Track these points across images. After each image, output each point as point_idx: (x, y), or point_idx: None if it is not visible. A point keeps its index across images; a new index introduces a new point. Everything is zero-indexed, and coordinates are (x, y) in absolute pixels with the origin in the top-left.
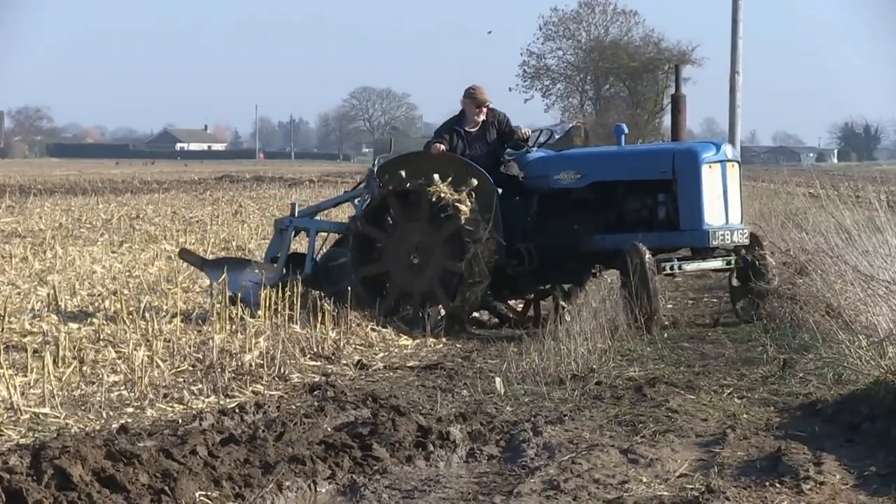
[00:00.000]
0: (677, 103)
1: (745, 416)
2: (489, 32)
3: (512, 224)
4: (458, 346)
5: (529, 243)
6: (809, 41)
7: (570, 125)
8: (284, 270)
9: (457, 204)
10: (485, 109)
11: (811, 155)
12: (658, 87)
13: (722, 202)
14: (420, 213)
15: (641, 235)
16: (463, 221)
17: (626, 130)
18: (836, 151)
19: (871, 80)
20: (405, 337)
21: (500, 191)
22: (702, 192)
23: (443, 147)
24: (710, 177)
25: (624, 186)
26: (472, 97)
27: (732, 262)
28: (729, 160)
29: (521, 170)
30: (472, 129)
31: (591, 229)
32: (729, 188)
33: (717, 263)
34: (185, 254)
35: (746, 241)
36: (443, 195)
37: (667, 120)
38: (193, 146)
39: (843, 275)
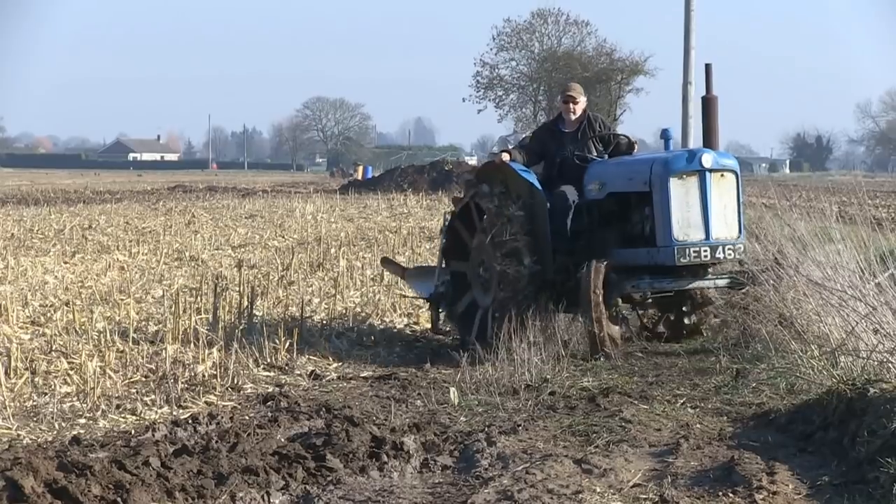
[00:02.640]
0: (708, 105)
1: (698, 425)
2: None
3: (577, 236)
4: (411, 356)
5: (579, 257)
6: (763, 52)
7: (523, 135)
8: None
9: (488, 225)
10: (573, 106)
11: (764, 165)
12: (611, 98)
13: (699, 216)
14: (484, 228)
15: (636, 252)
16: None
17: (673, 136)
18: (788, 162)
19: (824, 90)
20: (358, 347)
21: (574, 202)
22: (669, 206)
23: (506, 156)
24: (680, 189)
25: (633, 198)
26: (561, 93)
27: (740, 280)
28: (712, 170)
29: None
30: (567, 130)
31: (612, 243)
32: (712, 201)
33: (715, 283)
34: (387, 263)
35: (741, 258)
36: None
37: (621, 129)
38: (146, 156)
39: (795, 285)
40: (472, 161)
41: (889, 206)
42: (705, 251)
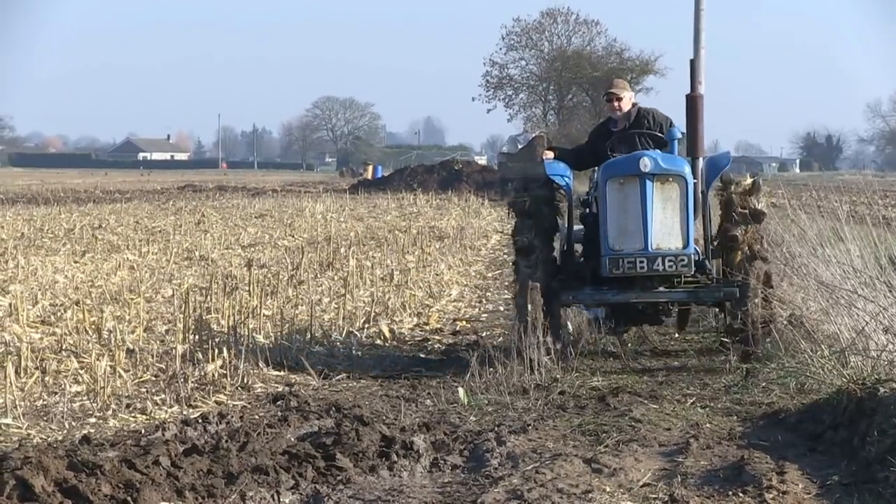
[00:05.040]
0: (692, 104)
1: (708, 425)
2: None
3: None
4: (421, 355)
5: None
6: (773, 52)
7: (533, 135)
8: None
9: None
10: (617, 103)
11: (773, 164)
12: None
13: (638, 224)
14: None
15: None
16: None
17: (679, 135)
18: (798, 161)
19: (834, 90)
20: (367, 346)
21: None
22: (605, 212)
23: (550, 154)
24: (617, 195)
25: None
26: (605, 91)
27: (701, 295)
28: (654, 175)
29: None
30: (617, 128)
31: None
32: (653, 207)
33: (668, 297)
34: None
35: (684, 270)
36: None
37: None
38: (156, 156)
39: (805, 285)
40: (482, 161)
41: None
42: (641, 262)
